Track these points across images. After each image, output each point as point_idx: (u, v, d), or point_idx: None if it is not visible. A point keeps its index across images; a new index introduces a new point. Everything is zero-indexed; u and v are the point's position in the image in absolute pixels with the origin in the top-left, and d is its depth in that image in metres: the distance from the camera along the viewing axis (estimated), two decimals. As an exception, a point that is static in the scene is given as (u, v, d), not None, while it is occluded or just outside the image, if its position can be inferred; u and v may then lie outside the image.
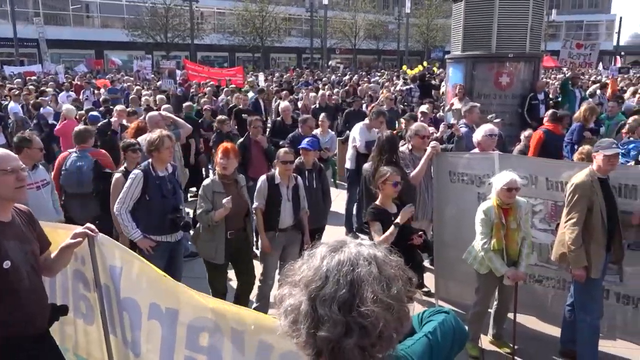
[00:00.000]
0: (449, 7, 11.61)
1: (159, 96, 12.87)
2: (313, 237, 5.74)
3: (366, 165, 5.60)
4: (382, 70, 37.32)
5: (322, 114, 8.93)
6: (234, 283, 5.40)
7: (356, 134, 7.56)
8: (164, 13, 42.59)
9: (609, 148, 4.10)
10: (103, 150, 6.37)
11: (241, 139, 7.16)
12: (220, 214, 4.56)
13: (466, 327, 1.54)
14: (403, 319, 1.23)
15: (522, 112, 10.33)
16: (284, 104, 10.08)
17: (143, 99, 13.10)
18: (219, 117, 9.13)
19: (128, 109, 9.51)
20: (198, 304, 2.49)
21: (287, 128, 8.48)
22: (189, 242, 6.90)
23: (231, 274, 5.35)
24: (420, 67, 34.51)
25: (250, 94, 15.12)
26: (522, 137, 7.66)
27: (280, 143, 7.61)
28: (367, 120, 7.78)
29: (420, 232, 4.23)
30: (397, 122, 9.66)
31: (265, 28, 47.30)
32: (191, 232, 5.38)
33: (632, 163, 6.54)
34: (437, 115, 11.11)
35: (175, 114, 8.02)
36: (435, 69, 30.91)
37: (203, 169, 10.02)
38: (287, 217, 5.11)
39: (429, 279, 5.76)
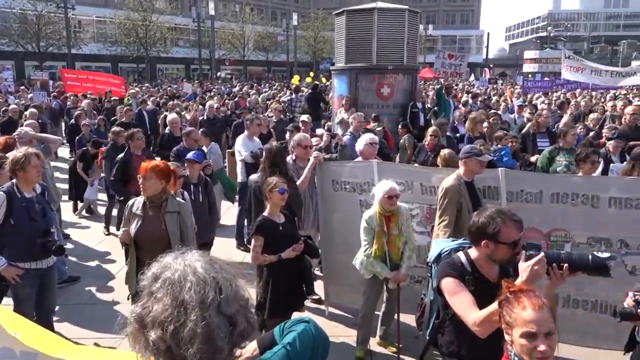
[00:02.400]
0: (334, 20, 11.97)
1: (29, 110, 11.86)
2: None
3: (253, 177, 5.56)
4: (272, 81, 37.55)
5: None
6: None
7: (239, 147, 7.53)
8: (35, 20, 39.39)
9: (482, 155, 4.51)
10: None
11: (121, 154, 6.81)
12: (121, 238, 4.26)
13: (327, 334, 1.57)
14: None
15: (403, 120, 10.91)
16: (171, 116, 9.77)
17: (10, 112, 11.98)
18: (114, 128, 8.62)
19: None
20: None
21: (176, 141, 8.24)
22: (66, 267, 6.44)
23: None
24: (308, 79, 35.21)
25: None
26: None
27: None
28: (246, 131, 7.80)
29: (301, 240, 4.29)
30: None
31: (149, 38, 45.55)
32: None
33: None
34: (326, 125, 11.40)
35: (53, 129, 7.47)
36: (324, 79, 31.71)
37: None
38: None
39: (318, 286, 5.85)
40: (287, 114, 14.29)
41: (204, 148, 7.93)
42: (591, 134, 8.86)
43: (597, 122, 9.23)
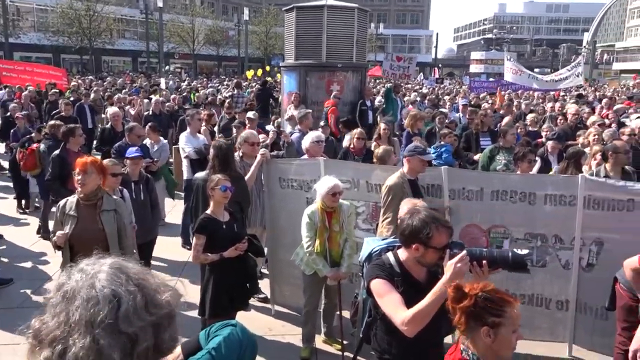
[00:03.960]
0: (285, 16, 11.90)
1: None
2: (144, 252, 5.48)
3: (200, 174, 5.45)
4: (223, 77, 37.02)
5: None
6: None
7: (183, 144, 7.36)
8: (-32, 7, 37.22)
9: (425, 154, 4.59)
10: None
11: (57, 151, 6.49)
12: (57, 241, 4.02)
13: (255, 337, 1.53)
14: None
15: (353, 117, 10.97)
16: (113, 109, 9.44)
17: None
18: (52, 122, 8.21)
19: None
20: None
21: (117, 136, 7.96)
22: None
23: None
24: (259, 72, 34.93)
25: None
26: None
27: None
28: (188, 127, 7.65)
29: (245, 239, 4.23)
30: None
31: (93, 28, 43.83)
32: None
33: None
34: (276, 122, 11.32)
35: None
36: (280, 75, 31.57)
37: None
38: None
39: (265, 285, 5.80)
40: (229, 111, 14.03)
41: (154, 144, 7.70)
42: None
43: (536, 122, 9.59)
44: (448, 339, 3.22)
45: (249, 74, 33.00)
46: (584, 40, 72.56)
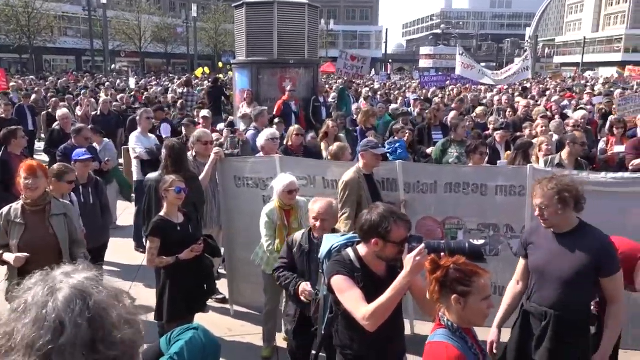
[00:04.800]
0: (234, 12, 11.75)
1: None
2: (95, 257, 5.29)
3: (152, 175, 5.31)
4: (172, 75, 36.25)
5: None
6: None
7: (133, 144, 7.16)
8: None
9: (377, 148, 4.63)
10: None
11: (-3, 155, 6.19)
12: (15, 261, 3.72)
13: (217, 340, 1.51)
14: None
15: (306, 114, 10.97)
16: (61, 111, 9.09)
17: None
18: None
19: None
20: None
21: (67, 138, 7.65)
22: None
23: None
24: (206, 69, 34.38)
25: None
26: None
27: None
28: (139, 127, 7.46)
29: (201, 240, 4.16)
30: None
31: (32, 26, 41.92)
32: None
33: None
34: (228, 120, 11.16)
35: None
36: (230, 73, 31.12)
37: None
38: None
39: (223, 285, 5.73)
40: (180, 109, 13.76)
41: (97, 146, 7.44)
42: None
43: (484, 115, 9.88)
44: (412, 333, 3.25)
45: (198, 72, 32.44)
46: (526, 35, 75.23)
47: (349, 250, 2.82)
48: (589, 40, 71.08)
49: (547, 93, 16.34)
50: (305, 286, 3.49)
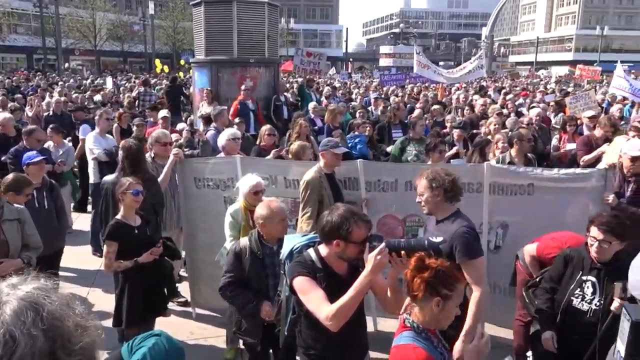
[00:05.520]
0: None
1: None
2: (51, 264, 5.11)
3: (107, 178, 5.19)
4: (129, 74, 35.41)
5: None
6: None
7: (90, 145, 6.97)
8: None
9: (337, 147, 4.65)
10: None
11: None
12: None
13: (181, 345, 1.48)
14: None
15: (267, 113, 10.91)
16: (2, 115, 8.67)
17: None
18: None
19: None
20: None
21: (9, 141, 7.34)
22: None
23: None
24: (165, 68, 33.80)
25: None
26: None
27: (2, 159, 6.58)
28: (97, 127, 7.27)
29: (159, 242, 4.09)
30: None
31: (-21, 23, 40.23)
32: None
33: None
34: (188, 120, 10.97)
35: None
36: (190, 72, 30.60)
37: None
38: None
39: (185, 288, 5.64)
40: (137, 108, 13.48)
41: (58, 148, 7.18)
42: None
43: (442, 113, 10.07)
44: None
45: (157, 63, 31.84)
46: (482, 35, 77.07)
47: (311, 251, 2.82)
48: (542, 40, 73.58)
49: (503, 91, 16.77)
50: (267, 307, 3.50)
